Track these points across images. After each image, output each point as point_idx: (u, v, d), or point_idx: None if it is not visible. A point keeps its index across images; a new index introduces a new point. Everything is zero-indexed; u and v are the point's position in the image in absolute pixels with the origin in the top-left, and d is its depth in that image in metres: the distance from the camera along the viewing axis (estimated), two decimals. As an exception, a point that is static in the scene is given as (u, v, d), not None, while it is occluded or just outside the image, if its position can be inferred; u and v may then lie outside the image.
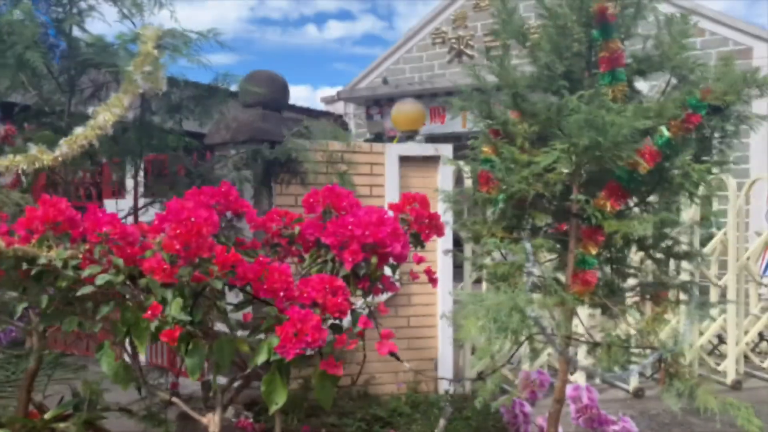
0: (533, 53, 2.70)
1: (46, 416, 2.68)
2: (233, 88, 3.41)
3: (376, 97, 11.46)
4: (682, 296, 2.80)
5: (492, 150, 2.66)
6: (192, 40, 2.60)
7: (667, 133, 2.35)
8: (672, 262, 2.96)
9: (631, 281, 2.90)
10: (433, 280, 2.51)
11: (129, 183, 4.67)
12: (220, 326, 2.21)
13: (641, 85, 2.76)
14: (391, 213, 2.45)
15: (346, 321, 2.14)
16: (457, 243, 4.14)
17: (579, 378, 4.57)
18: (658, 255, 2.80)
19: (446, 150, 4.20)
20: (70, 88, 2.86)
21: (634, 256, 2.96)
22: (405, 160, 4.21)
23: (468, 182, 4.16)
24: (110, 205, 4.82)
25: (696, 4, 9.80)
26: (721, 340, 5.77)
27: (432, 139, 9.47)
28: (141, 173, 4.14)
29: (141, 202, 4.19)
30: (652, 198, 2.70)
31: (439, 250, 4.11)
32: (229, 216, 2.53)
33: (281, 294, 2.02)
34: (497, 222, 2.80)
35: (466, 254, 4.30)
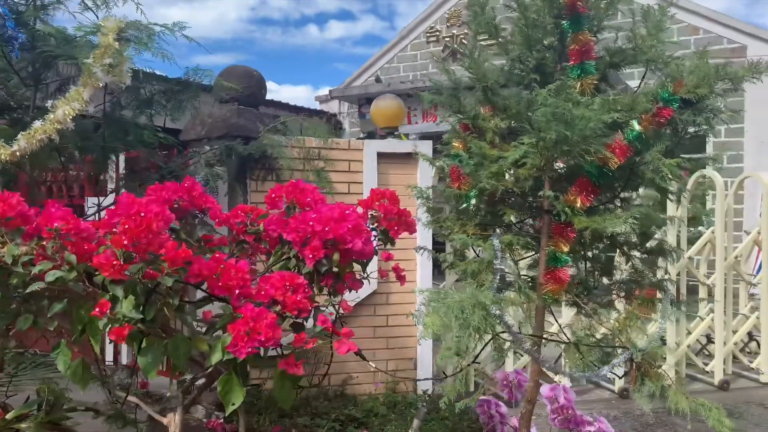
0: (505, 46, 2.65)
1: (8, 416, 2.63)
2: (207, 82, 3.36)
3: (368, 96, 11.39)
4: (660, 295, 2.75)
5: (462, 145, 2.61)
6: (156, 32, 2.54)
7: (637, 127, 2.29)
8: (660, 261, 2.91)
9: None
10: (400, 278, 2.44)
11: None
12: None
13: (634, 82, 2.71)
14: (360, 209, 2.40)
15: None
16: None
17: (563, 377, 4.51)
18: (634, 252, 2.74)
19: (425, 147, 4.13)
20: (35, 82, 2.80)
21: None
22: (384, 157, 4.13)
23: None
24: (94, 202, 4.77)
25: (691, 2, 9.76)
26: (710, 340, 5.71)
27: (425, 137, 9.42)
28: (122, 170, 4.09)
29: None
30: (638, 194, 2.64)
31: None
32: (195, 212, 2.48)
33: (237, 291, 1.97)
34: (471, 218, 2.75)
35: (447, 252, 4.24)
